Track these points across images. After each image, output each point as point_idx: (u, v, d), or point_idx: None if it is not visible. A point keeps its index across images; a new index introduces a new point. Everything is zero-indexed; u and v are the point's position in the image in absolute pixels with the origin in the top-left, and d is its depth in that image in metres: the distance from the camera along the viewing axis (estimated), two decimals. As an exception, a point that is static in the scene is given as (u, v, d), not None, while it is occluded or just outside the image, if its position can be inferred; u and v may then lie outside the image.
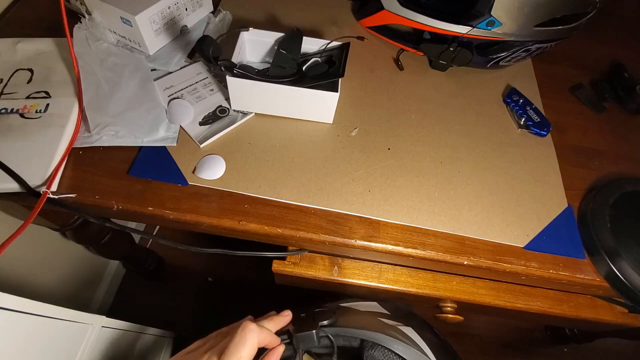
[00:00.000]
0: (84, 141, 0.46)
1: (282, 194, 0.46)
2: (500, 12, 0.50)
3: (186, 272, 1.16)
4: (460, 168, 0.51)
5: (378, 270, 0.53)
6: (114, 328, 0.58)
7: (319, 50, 0.52)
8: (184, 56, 0.57)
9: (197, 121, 0.51)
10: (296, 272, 0.51)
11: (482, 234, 0.46)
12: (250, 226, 0.44)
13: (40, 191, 0.41)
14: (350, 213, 0.46)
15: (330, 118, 0.52)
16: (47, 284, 0.78)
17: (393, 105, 0.57)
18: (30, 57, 0.52)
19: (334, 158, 0.50)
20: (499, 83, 0.62)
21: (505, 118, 0.58)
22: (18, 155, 0.43)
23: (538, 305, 0.53)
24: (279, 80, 0.48)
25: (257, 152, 0.49)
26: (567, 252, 0.46)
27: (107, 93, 0.50)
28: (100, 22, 0.54)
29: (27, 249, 0.71)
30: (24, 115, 0.46)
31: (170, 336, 0.86)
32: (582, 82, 0.64)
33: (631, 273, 0.43)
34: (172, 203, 0.44)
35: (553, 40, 0.56)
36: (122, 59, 0.54)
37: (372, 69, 0.61)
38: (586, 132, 0.59)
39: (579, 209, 0.50)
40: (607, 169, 0.54)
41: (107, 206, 0.44)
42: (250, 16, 0.65)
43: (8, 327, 0.37)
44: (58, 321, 0.45)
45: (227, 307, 1.10)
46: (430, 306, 0.58)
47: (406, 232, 0.45)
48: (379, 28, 0.63)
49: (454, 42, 0.55)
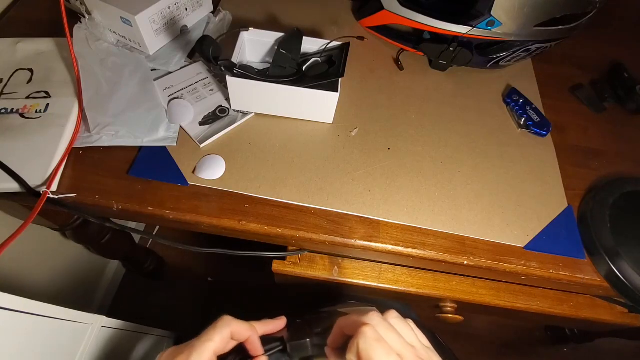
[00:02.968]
0: (84, 141, 0.46)
1: (282, 194, 0.46)
2: (500, 12, 0.50)
3: (186, 272, 1.16)
4: (460, 168, 0.51)
5: (378, 270, 0.53)
6: (114, 328, 0.58)
7: (319, 50, 0.52)
8: (184, 56, 0.57)
9: (197, 121, 0.51)
10: (296, 272, 0.51)
11: (482, 234, 0.46)
12: (250, 226, 0.44)
13: (40, 191, 0.41)
14: (350, 213, 0.46)
15: (330, 118, 0.52)
16: (47, 284, 0.78)
17: (393, 105, 0.57)
18: (30, 57, 0.52)
19: (334, 158, 0.50)
20: (499, 83, 0.62)
21: (505, 118, 0.58)
22: (18, 155, 0.43)
23: (538, 305, 0.53)
24: (279, 80, 0.48)
25: (257, 152, 0.49)
26: (567, 252, 0.46)
27: (107, 93, 0.50)
28: (100, 22, 0.54)
29: (27, 249, 0.71)
30: (24, 115, 0.46)
31: (170, 336, 0.86)
32: (582, 82, 0.64)
33: (631, 273, 0.43)
34: (172, 203, 0.44)
35: (553, 40, 0.56)
36: (122, 59, 0.54)
37: (372, 69, 0.61)
38: (586, 132, 0.59)
39: (579, 209, 0.50)
40: (607, 169, 0.54)
41: (107, 206, 0.44)
42: (250, 16, 0.65)
43: (8, 327, 0.37)
44: (58, 321, 0.44)
45: (227, 308, 1.10)
46: (430, 306, 0.58)
47: (406, 232, 0.45)
48: (379, 28, 0.63)
49: (454, 42, 0.55)
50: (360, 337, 0.26)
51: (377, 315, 0.28)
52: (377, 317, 0.28)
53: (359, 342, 0.26)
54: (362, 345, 0.25)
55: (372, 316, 0.28)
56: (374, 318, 0.27)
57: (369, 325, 0.26)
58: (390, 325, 0.28)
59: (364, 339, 0.26)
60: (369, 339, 0.26)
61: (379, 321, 0.27)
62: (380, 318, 0.28)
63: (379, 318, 0.28)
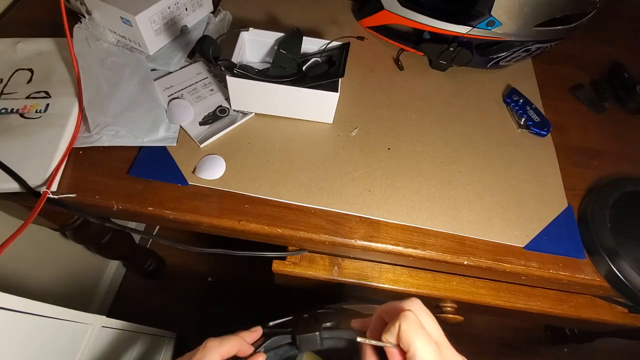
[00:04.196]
0: (84, 141, 0.46)
1: (282, 194, 0.46)
2: (500, 12, 0.50)
3: (186, 272, 1.16)
4: (460, 168, 0.51)
5: (378, 270, 0.53)
6: (114, 328, 0.58)
7: (319, 50, 0.52)
8: (184, 56, 0.57)
9: (197, 121, 0.51)
10: (296, 272, 0.51)
11: (482, 234, 0.46)
12: (250, 226, 0.44)
13: (40, 191, 0.41)
14: (350, 213, 0.46)
15: (330, 118, 0.52)
16: (47, 284, 0.78)
17: (393, 105, 0.57)
18: (30, 57, 0.52)
19: (334, 158, 0.50)
20: (499, 83, 0.62)
21: (505, 118, 0.58)
22: (18, 155, 0.43)
23: (538, 305, 0.53)
24: (279, 80, 0.48)
25: (257, 152, 0.49)
26: (567, 252, 0.46)
27: (107, 93, 0.50)
28: (100, 22, 0.54)
29: (27, 249, 0.71)
30: (24, 115, 0.46)
31: (170, 336, 0.86)
32: (582, 82, 0.64)
33: (631, 273, 0.43)
34: (172, 203, 0.44)
35: (553, 40, 0.56)
36: (122, 59, 0.54)
37: (372, 68, 0.61)
38: (586, 132, 0.59)
39: (579, 209, 0.50)
40: (607, 169, 0.54)
41: (107, 206, 0.44)
42: (250, 16, 0.65)
43: (8, 327, 0.37)
44: (58, 321, 0.44)
45: (227, 307, 1.10)
46: (430, 306, 0.57)
47: (406, 232, 0.45)
48: (379, 28, 0.63)
49: (454, 42, 0.55)
50: (404, 320, 0.26)
51: (419, 302, 0.29)
52: (419, 304, 0.29)
53: (402, 323, 0.26)
54: (405, 327, 0.26)
55: (414, 302, 0.29)
56: (417, 305, 0.28)
57: (411, 311, 0.27)
58: (430, 314, 0.29)
59: (408, 322, 0.26)
60: (412, 323, 0.26)
61: (420, 308, 0.28)
62: (422, 305, 0.29)
63: (420, 305, 0.29)
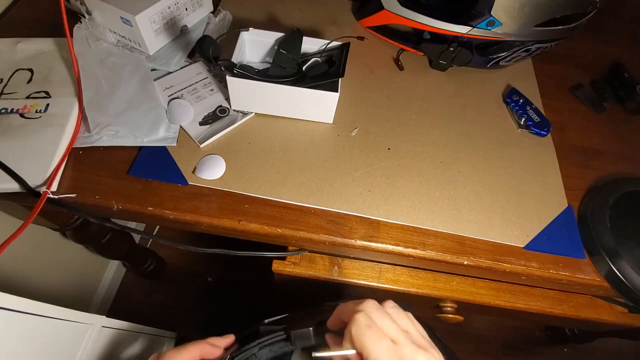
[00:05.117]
0: (84, 141, 0.46)
1: (282, 194, 0.46)
2: (500, 12, 0.50)
3: (186, 272, 1.16)
4: (460, 168, 0.51)
5: (378, 270, 0.53)
6: (114, 328, 0.58)
7: (319, 50, 0.52)
8: (184, 56, 0.57)
9: (197, 121, 0.51)
10: (296, 272, 0.51)
11: (482, 234, 0.46)
12: (250, 226, 0.44)
13: (40, 191, 0.41)
14: (350, 213, 0.46)
15: (330, 118, 0.52)
16: (47, 284, 0.78)
17: (393, 105, 0.57)
18: (30, 57, 0.52)
19: (334, 158, 0.50)
20: (499, 83, 0.62)
21: (505, 118, 0.58)
22: (18, 155, 0.43)
23: (538, 305, 0.53)
24: (279, 80, 0.48)
25: (257, 152, 0.49)
26: (567, 252, 0.46)
27: (107, 93, 0.50)
28: (100, 22, 0.54)
29: (27, 249, 0.71)
30: (24, 115, 0.46)
31: (170, 336, 0.86)
32: (582, 82, 0.64)
33: (631, 273, 0.43)
34: (172, 203, 0.44)
35: (553, 40, 0.56)
36: (122, 59, 0.54)
37: (372, 69, 0.61)
38: (586, 132, 0.59)
39: (579, 209, 0.50)
40: (607, 169, 0.54)
41: (107, 206, 0.44)
42: (250, 16, 0.65)
43: (8, 327, 0.37)
44: (58, 321, 0.44)
45: (227, 307, 1.10)
46: (430, 306, 0.58)
47: (406, 232, 0.45)
48: (379, 28, 0.63)
49: (454, 42, 0.55)
50: (353, 324, 0.26)
51: (372, 302, 0.28)
52: (371, 305, 0.28)
53: (352, 329, 0.26)
54: (354, 332, 0.26)
55: (366, 303, 0.28)
56: (368, 305, 0.28)
57: (362, 312, 0.27)
58: (385, 312, 0.28)
59: (356, 325, 0.26)
60: (360, 325, 0.26)
61: (373, 308, 0.28)
62: (375, 305, 0.28)
63: (373, 305, 0.28)
